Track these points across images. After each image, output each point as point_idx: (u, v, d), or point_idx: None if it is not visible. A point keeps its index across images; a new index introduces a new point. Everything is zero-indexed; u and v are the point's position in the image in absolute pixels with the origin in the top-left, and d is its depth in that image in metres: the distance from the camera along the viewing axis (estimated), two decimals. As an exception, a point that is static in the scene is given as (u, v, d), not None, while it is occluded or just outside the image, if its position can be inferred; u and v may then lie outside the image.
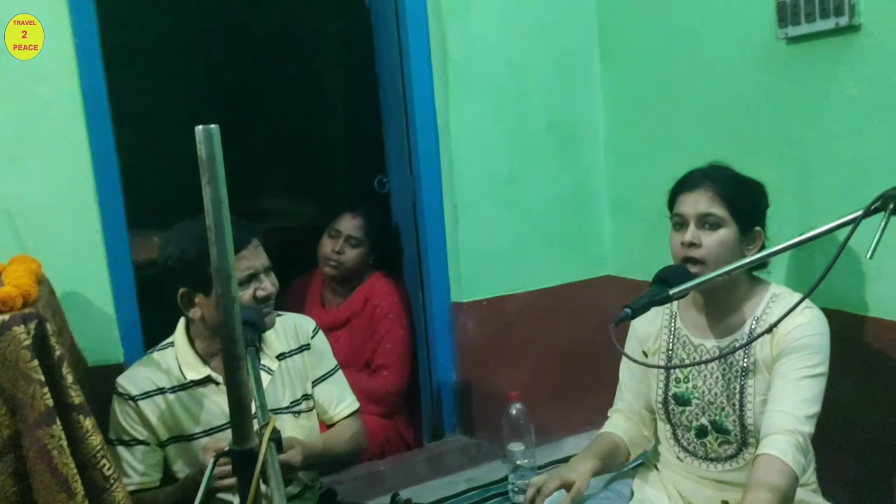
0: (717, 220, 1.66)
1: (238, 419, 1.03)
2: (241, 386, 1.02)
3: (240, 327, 1.01)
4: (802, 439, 1.51)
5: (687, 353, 1.78)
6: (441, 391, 2.64)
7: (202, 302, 1.66)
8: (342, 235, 2.70)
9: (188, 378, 1.69)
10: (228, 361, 1.01)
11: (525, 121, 2.60)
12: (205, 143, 0.96)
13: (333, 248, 2.69)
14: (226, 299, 1.00)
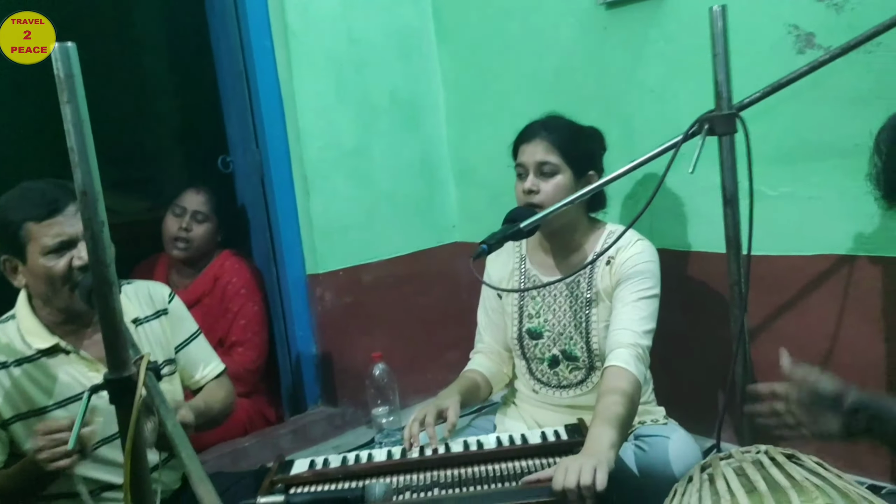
0: (552, 167, 1.80)
1: (113, 346, 1.00)
2: (113, 312, 1.00)
3: (111, 251, 0.99)
4: (642, 351, 1.68)
5: (538, 292, 1.92)
6: (301, 364, 2.63)
7: (23, 270, 1.59)
8: (188, 212, 2.61)
9: (34, 348, 1.59)
10: (99, 286, 0.99)
11: (368, 94, 2.66)
12: (62, 62, 0.94)
13: (180, 226, 2.60)
14: (93, 223, 0.98)
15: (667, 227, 2.17)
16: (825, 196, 1.84)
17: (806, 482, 0.83)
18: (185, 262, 2.66)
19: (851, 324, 1.84)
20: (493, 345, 2.01)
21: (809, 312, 1.91)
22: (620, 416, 1.52)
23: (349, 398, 2.63)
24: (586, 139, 1.88)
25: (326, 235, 2.59)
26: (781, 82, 1.38)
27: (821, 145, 1.82)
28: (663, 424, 1.82)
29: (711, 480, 0.91)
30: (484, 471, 1.57)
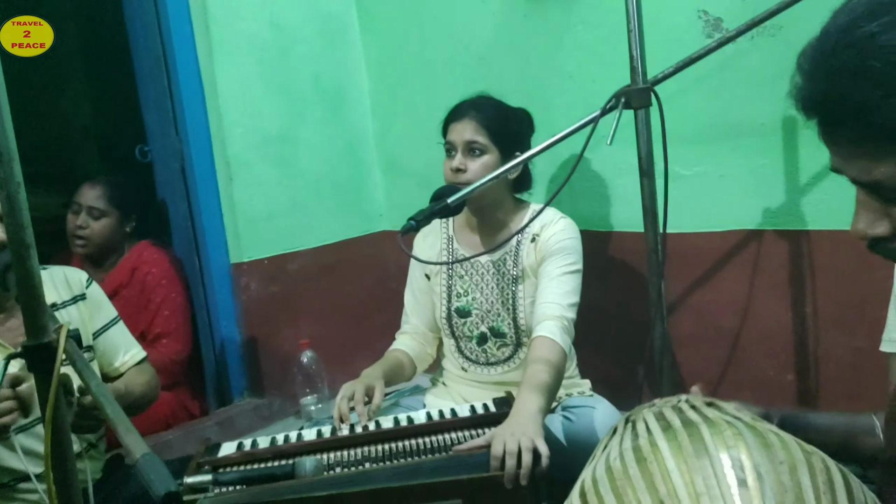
0: (480, 146, 1.84)
1: (32, 311, 0.97)
2: (31, 276, 0.97)
3: (27, 213, 0.96)
4: (567, 323, 1.73)
5: (465, 270, 1.95)
6: (226, 355, 2.59)
7: None
8: (83, 208, 2.53)
9: None
10: (17, 250, 0.96)
11: (292, 81, 2.63)
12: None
13: (76, 224, 2.52)
14: (9, 184, 0.95)
15: (587, 209, 2.23)
16: (735, 174, 1.93)
17: (718, 419, 0.87)
18: (90, 259, 2.58)
19: (760, 295, 1.94)
20: (418, 326, 2.03)
21: (722, 286, 2.01)
22: (547, 384, 1.56)
23: (276, 389, 2.60)
24: (515, 120, 1.92)
25: (251, 223, 2.55)
26: (692, 58, 1.45)
27: (730, 126, 1.91)
28: (589, 396, 1.88)
29: (633, 425, 0.94)
30: (415, 444, 1.58)
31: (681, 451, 0.80)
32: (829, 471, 0.78)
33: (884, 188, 0.78)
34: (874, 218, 0.80)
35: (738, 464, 0.75)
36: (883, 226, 0.80)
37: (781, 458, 0.77)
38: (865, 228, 0.81)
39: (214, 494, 1.41)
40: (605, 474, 0.86)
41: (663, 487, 0.76)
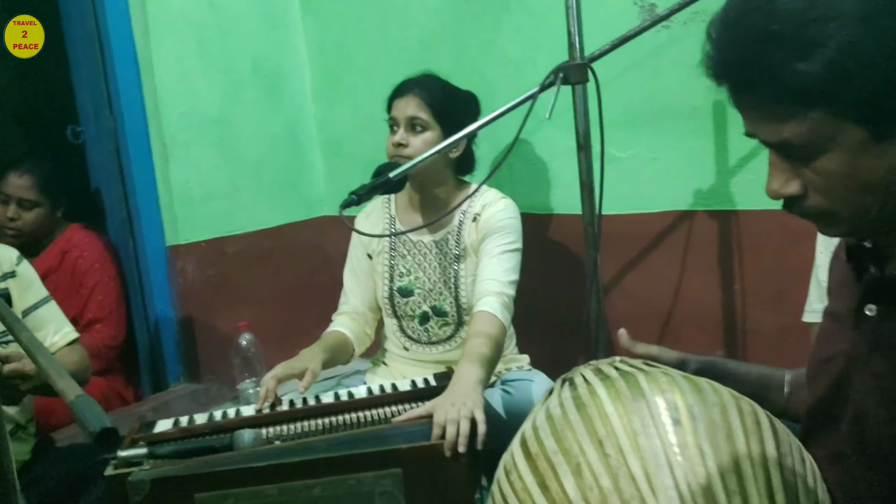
0: (422, 123, 1.85)
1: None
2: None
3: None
4: (507, 299, 1.75)
5: (408, 250, 1.96)
6: (161, 340, 2.53)
7: None
8: (13, 199, 2.44)
9: None
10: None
11: (231, 62, 2.60)
12: None
13: (6, 215, 2.43)
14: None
15: (527, 191, 2.27)
16: (668, 156, 1.99)
17: (653, 370, 0.91)
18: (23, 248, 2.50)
19: (692, 274, 2.01)
20: (358, 306, 2.03)
21: (655, 266, 2.07)
22: (486, 356, 1.58)
23: (214, 374, 2.56)
24: (459, 101, 1.94)
25: (187, 205, 2.51)
26: (628, 35, 1.49)
27: (664, 109, 1.97)
28: (528, 370, 1.91)
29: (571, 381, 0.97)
30: (355, 418, 1.58)
31: (619, 396, 0.83)
32: (756, 413, 0.82)
33: (792, 147, 0.81)
34: (786, 178, 0.84)
35: (673, 405, 0.79)
36: (795, 185, 0.84)
37: (713, 400, 0.81)
38: (779, 188, 0.85)
39: (150, 467, 1.38)
40: (546, 422, 0.89)
41: (602, 429, 0.79)
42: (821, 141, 0.79)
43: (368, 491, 1.36)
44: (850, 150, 0.79)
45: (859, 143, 0.78)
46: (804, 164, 0.82)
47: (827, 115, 0.78)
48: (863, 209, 0.82)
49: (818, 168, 0.81)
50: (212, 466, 1.37)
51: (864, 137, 0.78)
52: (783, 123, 0.80)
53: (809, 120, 0.78)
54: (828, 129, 0.78)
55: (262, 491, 1.35)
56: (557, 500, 0.74)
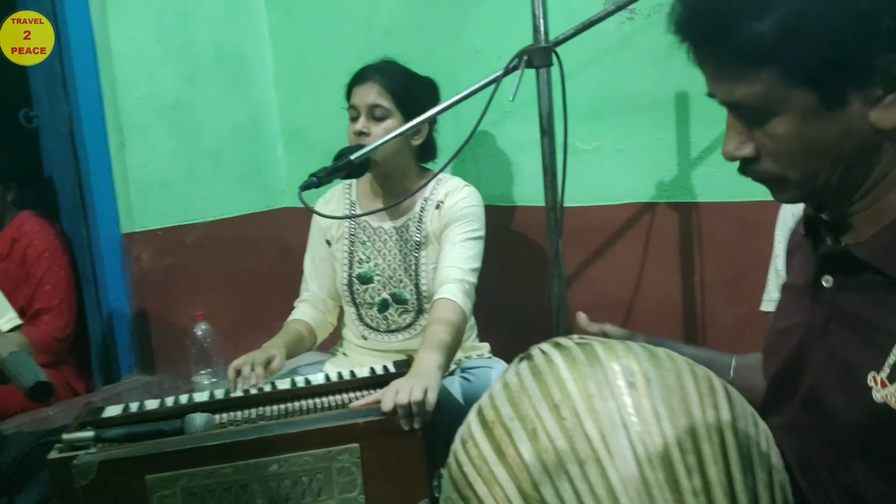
0: (383, 111, 1.83)
1: None
2: None
3: None
4: (469, 286, 1.74)
5: (368, 237, 1.93)
6: (115, 331, 2.47)
7: None
8: None
9: None
10: None
11: (192, 47, 2.55)
12: None
13: None
14: None
15: (492, 183, 2.26)
16: (631, 148, 2.00)
17: (610, 341, 0.90)
18: None
19: (653, 266, 2.01)
20: (318, 293, 2.00)
21: (617, 258, 2.07)
22: (446, 342, 1.57)
23: (169, 366, 2.50)
24: (420, 87, 1.92)
25: (144, 191, 2.45)
26: (592, 20, 1.49)
27: (627, 101, 1.97)
28: (488, 358, 1.89)
29: (528, 356, 0.96)
30: (312, 404, 1.55)
31: (575, 363, 0.82)
32: (710, 379, 0.81)
33: (744, 108, 0.82)
34: (740, 140, 0.84)
35: (629, 370, 0.78)
36: (748, 147, 0.84)
37: (668, 366, 0.80)
38: (733, 150, 0.85)
39: (97, 450, 1.33)
40: (503, 391, 0.87)
41: (558, 394, 0.78)
42: (771, 103, 0.79)
43: (325, 467, 1.34)
44: (799, 114, 0.79)
45: (809, 108, 0.78)
46: (757, 127, 0.82)
47: (778, 78, 0.78)
48: (813, 175, 0.82)
49: (769, 131, 0.81)
50: (163, 447, 1.33)
51: (813, 103, 0.78)
52: (736, 83, 0.80)
53: (761, 81, 0.79)
54: (778, 91, 0.79)
55: (216, 470, 1.32)
56: (513, 465, 0.72)
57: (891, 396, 0.77)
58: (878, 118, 0.77)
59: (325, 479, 1.34)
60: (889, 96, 0.76)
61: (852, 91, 0.77)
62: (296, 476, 1.33)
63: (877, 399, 0.78)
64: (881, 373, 0.78)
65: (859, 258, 0.81)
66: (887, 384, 0.77)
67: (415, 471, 1.37)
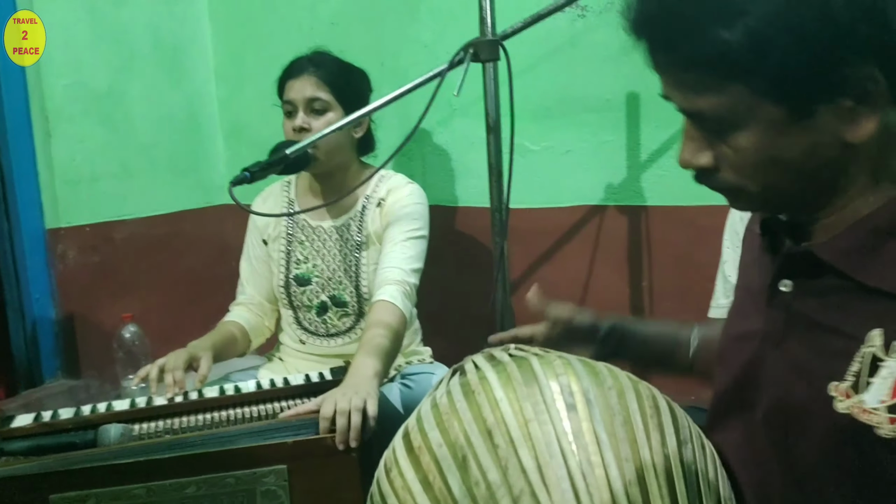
0: (323, 104, 1.75)
1: None
2: None
3: None
4: (409, 288, 1.67)
5: (306, 236, 1.84)
6: (37, 331, 2.31)
7: None
8: None
9: None
10: None
11: (126, 34, 2.40)
12: None
13: None
14: None
15: (439, 183, 2.19)
16: (580, 149, 1.95)
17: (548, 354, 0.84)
18: None
19: (601, 270, 1.97)
20: (255, 296, 1.90)
21: (565, 261, 2.02)
22: (384, 347, 1.49)
23: (96, 369, 2.36)
24: (356, 77, 1.84)
25: (71, 185, 2.30)
26: (541, 14, 1.43)
27: (577, 101, 1.93)
28: (429, 363, 1.82)
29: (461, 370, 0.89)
30: (241, 413, 1.46)
31: (510, 380, 0.76)
32: (655, 398, 0.76)
33: (706, 119, 0.76)
34: (698, 148, 0.79)
35: (568, 390, 0.72)
36: (706, 156, 0.79)
37: (610, 384, 0.74)
38: (689, 158, 0.80)
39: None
40: (431, 411, 0.81)
41: (491, 416, 0.71)
42: (736, 117, 0.74)
43: (249, 490, 1.25)
44: (766, 128, 0.74)
45: (776, 121, 0.73)
46: (718, 138, 0.77)
47: (744, 90, 0.72)
48: (772, 189, 0.78)
49: (732, 144, 0.76)
50: (70, 464, 1.22)
51: (781, 116, 0.73)
52: (699, 93, 0.75)
53: (726, 93, 0.73)
54: (744, 104, 0.73)
55: (127, 491, 1.22)
56: (441, 499, 0.65)
57: (854, 407, 0.72)
58: (846, 132, 0.72)
59: (248, 502, 1.24)
60: (860, 108, 0.71)
61: (822, 103, 0.72)
62: (217, 499, 1.23)
63: (839, 409, 0.73)
64: (843, 382, 0.73)
65: (823, 259, 0.77)
66: (851, 394, 0.72)
67: (349, 495, 1.29)
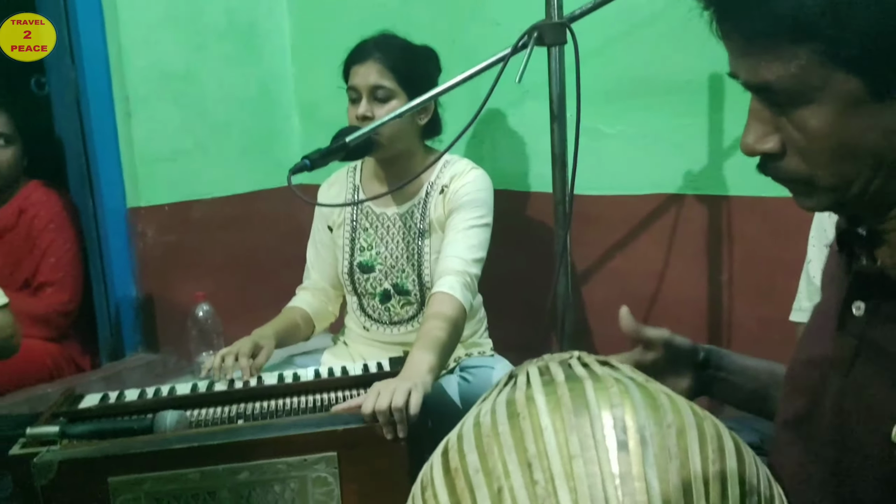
0: (387, 92, 1.70)
1: None
2: None
3: None
4: (470, 279, 1.62)
5: (370, 223, 1.82)
6: (120, 307, 2.40)
7: None
8: None
9: None
10: None
11: (202, 14, 2.43)
12: None
13: None
14: None
15: (507, 167, 2.12)
16: (657, 134, 1.84)
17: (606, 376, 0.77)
18: None
19: (676, 262, 1.87)
20: (319, 281, 1.90)
21: (638, 253, 1.93)
22: (441, 341, 1.46)
23: (172, 344, 2.43)
24: (422, 60, 1.79)
25: (150, 165, 2.36)
26: (612, -7, 1.34)
27: (655, 82, 1.81)
28: (490, 356, 1.78)
29: (514, 379, 0.84)
30: (297, 402, 1.46)
31: (559, 406, 0.70)
32: (720, 438, 0.68)
33: (773, 92, 0.68)
34: (764, 131, 0.71)
35: (621, 424, 0.66)
36: (773, 141, 0.71)
37: (670, 420, 0.67)
38: (753, 143, 0.72)
39: (60, 447, 1.26)
40: (472, 429, 0.76)
41: (533, 447, 0.66)
42: (806, 88, 0.66)
43: (300, 476, 1.25)
44: (838, 104, 0.66)
45: (851, 97, 0.65)
46: (785, 115, 0.69)
47: (817, 57, 0.65)
48: (845, 180, 0.69)
49: (799, 121, 0.68)
50: (128, 449, 1.25)
51: (857, 91, 0.65)
52: (766, 60, 0.67)
53: (796, 59, 0.65)
54: (816, 73, 0.65)
55: (182, 475, 1.23)
56: (471, 531, 0.61)
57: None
58: None
59: (299, 488, 1.24)
60: None
61: None
62: (268, 484, 1.24)
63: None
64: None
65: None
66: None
67: (398, 483, 1.26)
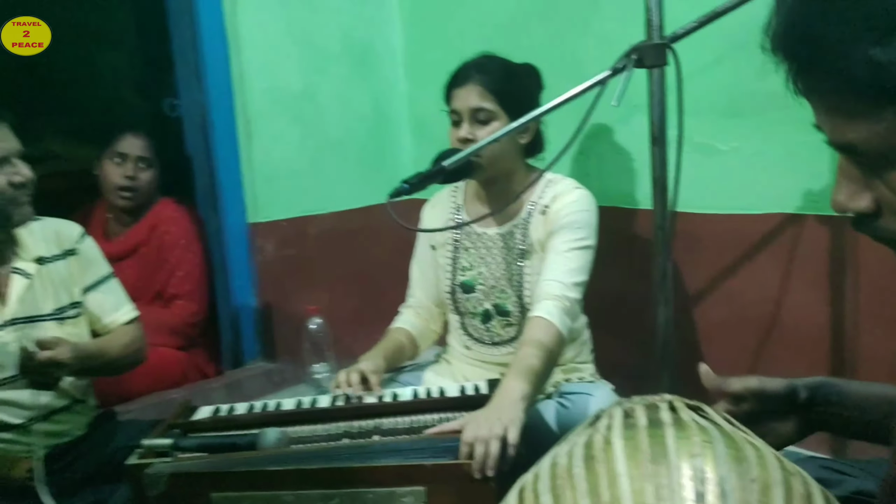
0: (487, 114, 1.70)
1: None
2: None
3: None
4: (569, 303, 1.58)
5: (472, 243, 1.82)
6: (240, 317, 2.54)
7: None
8: (130, 158, 2.49)
9: None
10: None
11: (318, 35, 2.53)
12: None
13: (125, 174, 2.48)
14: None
15: (613, 183, 2.07)
16: (773, 151, 1.74)
17: (690, 422, 0.73)
18: (127, 211, 2.55)
19: (796, 286, 1.76)
20: (423, 300, 1.92)
21: (754, 275, 1.83)
22: (535, 368, 1.43)
23: (288, 355, 2.54)
24: (522, 79, 1.77)
25: (269, 182, 2.48)
26: (717, 12, 1.27)
27: (768, 97, 1.71)
28: (589, 382, 1.73)
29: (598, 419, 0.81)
30: (395, 423, 1.48)
31: (637, 452, 0.67)
32: (810, 497, 0.63)
33: (859, 154, 0.63)
34: (854, 189, 0.66)
35: (700, 476, 0.62)
36: (865, 199, 0.65)
37: (754, 475, 0.63)
38: (844, 201, 0.66)
39: (172, 459, 1.34)
40: (549, 470, 0.74)
41: (607, 494, 0.64)
42: (893, 151, 0.61)
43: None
44: None
45: None
46: (876, 176, 0.64)
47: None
48: None
49: (891, 183, 0.62)
50: (230, 466, 1.31)
51: None
52: (849, 122, 0.62)
53: (883, 122, 0.60)
54: None
55: (278, 496, 1.28)
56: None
57: None
58: None
59: (387, 518, 1.26)
60: None
61: None
62: (357, 512, 1.26)
63: None
64: None
65: None
66: None
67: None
